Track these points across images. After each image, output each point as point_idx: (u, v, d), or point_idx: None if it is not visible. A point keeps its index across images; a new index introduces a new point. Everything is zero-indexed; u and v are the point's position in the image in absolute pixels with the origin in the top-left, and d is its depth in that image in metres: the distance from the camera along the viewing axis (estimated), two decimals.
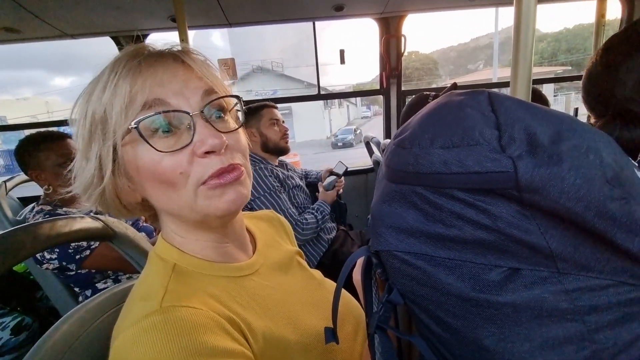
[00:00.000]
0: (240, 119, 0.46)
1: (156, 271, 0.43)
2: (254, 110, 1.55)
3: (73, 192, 0.43)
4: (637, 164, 0.27)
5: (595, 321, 0.24)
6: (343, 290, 0.58)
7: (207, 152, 0.39)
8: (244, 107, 0.47)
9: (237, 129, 0.44)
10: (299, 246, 0.70)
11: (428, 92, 1.20)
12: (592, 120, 0.58)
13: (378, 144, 1.88)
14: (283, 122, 1.62)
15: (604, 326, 0.24)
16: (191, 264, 0.44)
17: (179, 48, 0.43)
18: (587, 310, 0.24)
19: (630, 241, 0.23)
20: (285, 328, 0.44)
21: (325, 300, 0.54)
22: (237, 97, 0.45)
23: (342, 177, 1.68)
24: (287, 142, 1.61)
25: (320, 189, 1.60)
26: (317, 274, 0.62)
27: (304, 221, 1.40)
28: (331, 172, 1.69)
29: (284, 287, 0.52)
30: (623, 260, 0.24)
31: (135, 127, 0.37)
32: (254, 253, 0.53)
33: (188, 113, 0.39)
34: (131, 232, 0.63)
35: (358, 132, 19.26)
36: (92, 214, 0.60)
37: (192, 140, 0.39)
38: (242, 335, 0.39)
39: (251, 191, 0.45)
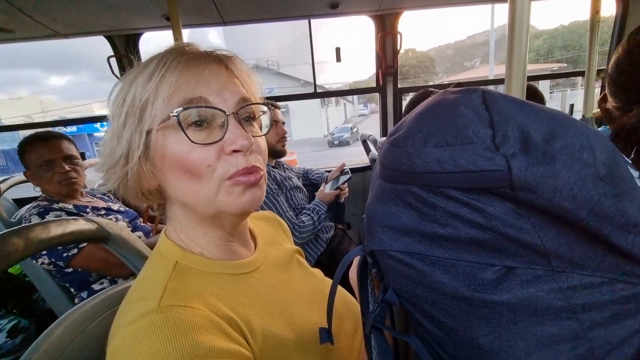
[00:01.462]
0: (265, 127, 0.49)
1: (157, 270, 0.43)
2: None
3: (96, 170, 0.45)
4: (630, 161, 0.27)
5: (590, 319, 0.24)
6: (341, 289, 0.58)
7: (235, 151, 0.41)
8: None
9: (263, 135, 0.48)
10: (299, 245, 0.70)
11: (432, 89, 1.20)
12: (611, 105, 0.54)
13: (375, 142, 1.88)
14: (283, 123, 1.60)
15: (598, 324, 0.24)
16: (193, 261, 0.44)
17: (226, 53, 0.46)
18: (582, 308, 0.24)
19: (623, 239, 0.23)
20: (285, 326, 0.45)
21: (326, 297, 0.54)
22: (268, 106, 0.49)
23: (345, 184, 1.65)
24: (284, 146, 1.59)
25: (321, 188, 1.59)
26: (317, 272, 0.63)
27: (301, 224, 1.39)
28: (341, 173, 1.66)
29: (284, 284, 0.52)
30: (617, 257, 0.24)
31: (176, 116, 0.39)
32: (255, 251, 0.53)
33: (224, 112, 0.42)
34: (126, 233, 0.63)
35: (355, 130, 19.28)
36: (88, 215, 0.60)
37: (223, 137, 0.41)
38: (241, 334, 0.39)
39: None
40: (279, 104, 1.65)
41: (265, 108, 0.49)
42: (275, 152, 1.58)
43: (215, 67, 0.43)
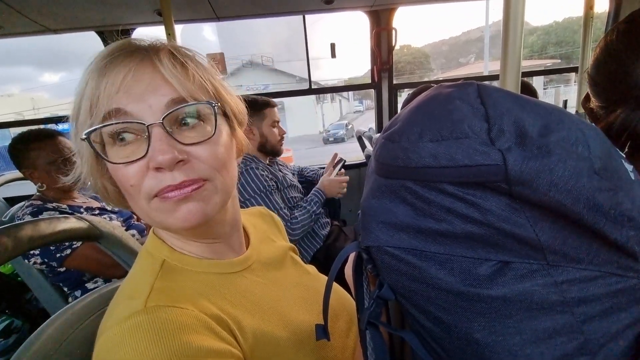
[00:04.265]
0: (217, 126, 0.41)
1: (144, 268, 0.42)
2: (258, 108, 1.48)
3: (67, 182, 0.42)
4: (623, 155, 0.27)
5: (584, 312, 0.24)
6: (336, 286, 0.58)
7: (158, 168, 0.37)
8: (241, 106, 0.47)
9: (208, 139, 0.39)
10: (294, 241, 0.70)
11: (432, 85, 1.19)
12: (595, 105, 0.53)
13: (370, 138, 1.88)
14: (278, 121, 1.59)
15: (593, 317, 0.24)
16: (181, 260, 0.43)
17: (157, 44, 0.40)
18: (576, 302, 0.24)
19: (618, 232, 0.23)
20: (276, 325, 0.44)
21: (319, 295, 0.54)
22: (209, 103, 0.40)
23: (343, 170, 1.63)
24: (282, 145, 1.59)
25: (321, 179, 1.55)
26: (312, 269, 0.62)
27: (293, 220, 1.38)
28: (336, 163, 1.63)
29: (277, 283, 0.51)
30: (611, 251, 0.24)
31: (86, 138, 0.37)
32: (247, 249, 0.53)
33: (143, 124, 0.36)
34: (119, 231, 0.62)
35: (350, 127, 19.30)
36: (79, 214, 0.59)
37: (146, 152, 0.37)
38: (231, 333, 0.38)
39: (242, 192, 0.44)
40: (274, 100, 1.64)
41: (207, 107, 0.40)
42: (275, 152, 1.57)
43: (139, 67, 0.37)
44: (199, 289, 0.41)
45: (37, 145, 1.20)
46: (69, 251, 1.11)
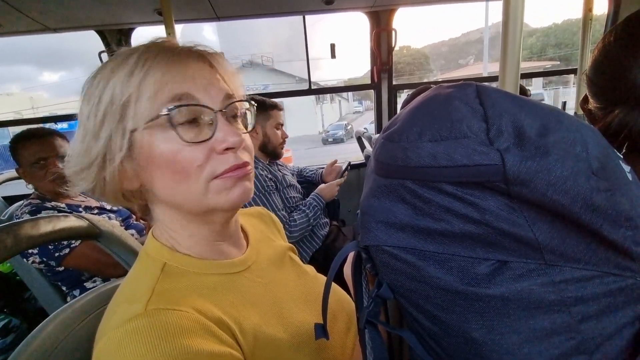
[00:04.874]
0: (250, 123, 0.49)
1: (144, 271, 0.42)
2: (265, 108, 1.50)
3: (65, 171, 0.42)
4: (621, 156, 0.27)
5: (581, 312, 0.24)
6: (335, 286, 0.58)
7: (227, 149, 0.41)
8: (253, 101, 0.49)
9: (249, 132, 0.47)
10: (294, 241, 0.70)
11: (432, 86, 1.19)
12: (593, 106, 0.53)
13: (370, 139, 1.88)
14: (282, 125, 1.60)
15: (590, 317, 0.24)
16: (182, 262, 0.43)
17: (208, 49, 0.45)
18: (574, 301, 0.24)
19: (615, 232, 0.23)
20: (276, 325, 0.44)
21: (318, 295, 0.54)
22: (251, 103, 0.48)
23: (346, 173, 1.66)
24: (282, 149, 1.59)
25: (320, 186, 1.57)
26: (310, 269, 0.62)
27: (292, 222, 1.38)
28: (345, 169, 1.66)
29: (276, 283, 0.51)
30: (608, 251, 0.24)
31: (167, 115, 0.38)
32: (246, 250, 0.53)
33: (213, 110, 0.41)
34: (118, 230, 0.62)
35: (349, 127, 19.29)
36: (78, 213, 0.59)
37: (212, 135, 0.41)
38: (232, 335, 0.38)
39: None
40: (275, 100, 1.64)
41: (247, 105, 0.48)
42: (276, 154, 1.57)
43: (199, 64, 0.42)
44: (199, 290, 0.41)
45: (22, 144, 1.20)
46: (67, 250, 1.10)
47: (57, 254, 1.09)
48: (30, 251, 1.08)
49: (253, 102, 0.48)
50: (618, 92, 0.47)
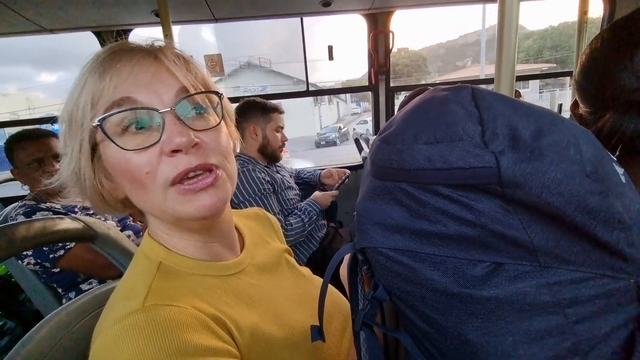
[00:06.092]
0: (220, 116, 0.43)
1: (140, 270, 0.42)
2: (267, 111, 1.50)
3: (54, 185, 0.42)
4: (614, 158, 0.28)
5: (576, 313, 0.24)
6: (331, 287, 0.58)
7: (174, 151, 0.37)
8: (229, 105, 0.47)
9: (215, 126, 0.41)
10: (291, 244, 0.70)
11: (429, 88, 1.20)
12: (583, 111, 0.53)
13: (367, 141, 1.88)
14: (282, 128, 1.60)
15: (584, 318, 0.24)
16: (177, 262, 0.43)
17: (157, 44, 0.41)
18: (568, 303, 0.24)
19: (609, 234, 0.23)
20: (272, 325, 0.44)
21: (314, 297, 0.54)
22: (216, 93, 0.43)
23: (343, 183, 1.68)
24: (281, 152, 1.59)
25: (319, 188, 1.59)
26: (306, 271, 0.62)
27: (288, 226, 1.38)
28: (343, 180, 1.68)
29: (272, 285, 0.51)
30: (602, 253, 0.24)
31: (99, 125, 0.36)
32: (241, 251, 0.52)
33: (157, 110, 0.37)
34: (114, 232, 0.62)
35: (343, 129, 19.31)
36: (73, 214, 0.59)
37: (160, 138, 0.37)
38: (228, 332, 0.38)
39: (237, 194, 0.44)
40: (272, 102, 1.64)
41: (214, 96, 0.43)
42: (275, 157, 1.57)
43: (143, 61, 0.38)
44: (195, 290, 0.41)
45: (17, 145, 1.20)
46: (62, 252, 1.10)
47: (51, 256, 1.08)
48: (25, 252, 1.08)
49: (220, 93, 0.43)
50: (607, 96, 0.47)
